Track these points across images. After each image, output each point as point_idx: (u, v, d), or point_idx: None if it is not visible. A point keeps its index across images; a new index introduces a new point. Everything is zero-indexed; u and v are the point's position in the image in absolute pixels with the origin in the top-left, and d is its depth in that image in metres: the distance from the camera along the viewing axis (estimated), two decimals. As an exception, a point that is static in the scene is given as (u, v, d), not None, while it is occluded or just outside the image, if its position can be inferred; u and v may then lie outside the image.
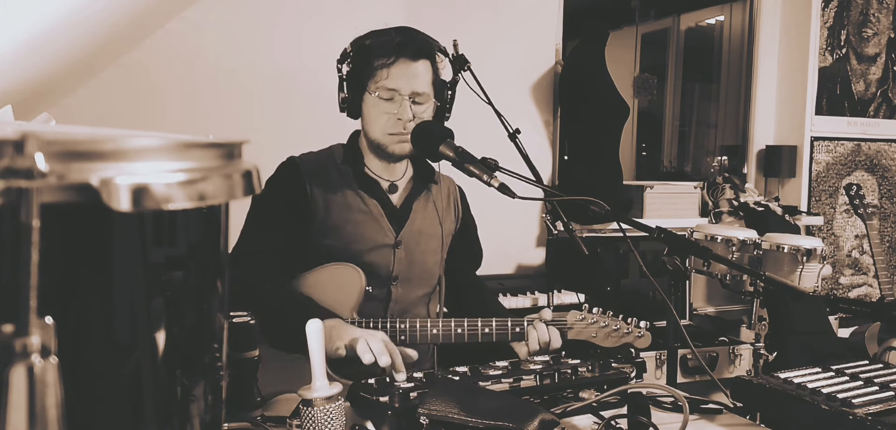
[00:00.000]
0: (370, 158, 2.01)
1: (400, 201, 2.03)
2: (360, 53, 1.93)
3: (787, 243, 2.63)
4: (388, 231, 1.97)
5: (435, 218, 2.06)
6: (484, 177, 1.69)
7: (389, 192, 2.02)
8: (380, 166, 2.01)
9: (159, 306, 0.58)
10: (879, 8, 4.55)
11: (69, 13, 2.01)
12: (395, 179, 2.03)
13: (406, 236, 1.99)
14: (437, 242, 2.06)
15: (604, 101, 3.72)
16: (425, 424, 1.32)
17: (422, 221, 2.04)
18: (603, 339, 1.91)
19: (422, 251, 2.02)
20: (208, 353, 0.65)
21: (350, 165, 1.99)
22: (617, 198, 3.76)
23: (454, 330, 1.84)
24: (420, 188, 2.06)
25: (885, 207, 4.68)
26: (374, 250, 1.95)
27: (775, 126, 4.53)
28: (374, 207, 1.97)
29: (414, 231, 2.01)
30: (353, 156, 2.00)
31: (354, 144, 2.04)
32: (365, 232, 1.95)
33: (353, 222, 1.94)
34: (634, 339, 1.91)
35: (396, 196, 2.03)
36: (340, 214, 1.94)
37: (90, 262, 0.53)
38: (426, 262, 2.03)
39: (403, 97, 1.90)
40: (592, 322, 1.89)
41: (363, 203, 1.96)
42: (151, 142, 0.53)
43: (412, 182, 2.06)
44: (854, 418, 1.41)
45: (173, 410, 0.61)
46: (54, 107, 2.76)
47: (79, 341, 0.52)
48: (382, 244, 1.96)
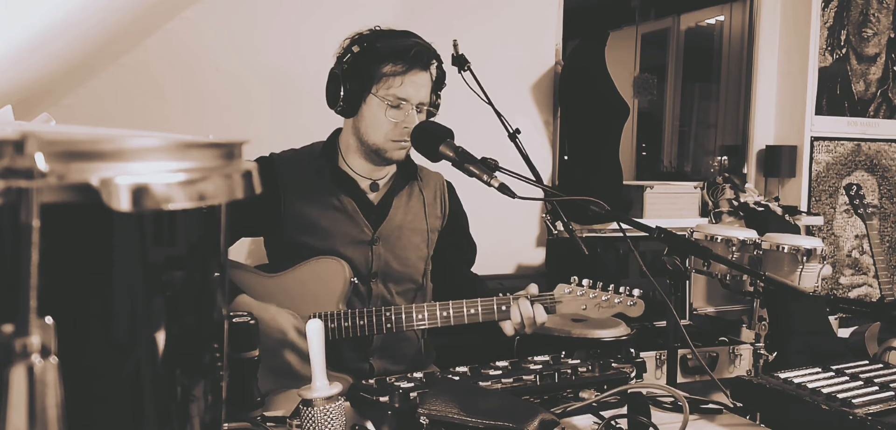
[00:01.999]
0: (353, 158, 1.99)
1: (379, 198, 2.02)
2: (368, 54, 1.89)
3: (787, 243, 2.63)
4: (364, 227, 1.96)
5: (419, 213, 2.04)
6: (484, 177, 1.69)
7: (370, 190, 2.01)
8: (364, 167, 2.00)
9: (159, 305, 0.58)
10: (879, 8, 4.55)
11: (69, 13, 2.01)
12: (377, 178, 2.02)
13: (385, 233, 1.98)
14: (421, 237, 2.04)
15: (604, 101, 3.71)
16: (425, 424, 1.32)
17: (403, 216, 2.02)
18: (593, 310, 1.87)
19: (403, 247, 2.01)
20: (208, 353, 0.65)
21: (326, 162, 1.98)
22: (617, 198, 3.76)
23: (440, 314, 1.84)
24: (401, 184, 2.05)
25: (885, 207, 4.68)
26: (351, 247, 1.94)
27: (775, 126, 4.53)
28: (348, 205, 1.96)
29: (394, 227, 2.00)
30: (328, 153, 2.00)
31: (333, 143, 2.03)
32: (340, 228, 1.94)
33: (328, 218, 1.94)
34: (626, 308, 1.87)
35: (376, 194, 2.02)
36: (315, 211, 1.94)
37: (90, 262, 0.53)
38: (408, 258, 2.02)
39: (411, 106, 1.90)
40: (581, 295, 1.87)
41: (337, 200, 1.96)
42: (151, 142, 0.53)
43: (393, 178, 2.05)
44: (854, 418, 1.41)
45: (173, 410, 0.61)
46: (54, 107, 2.76)
47: (79, 341, 0.52)
48: (358, 241, 1.95)
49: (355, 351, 1.95)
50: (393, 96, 1.88)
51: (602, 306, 1.86)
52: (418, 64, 1.89)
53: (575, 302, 1.86)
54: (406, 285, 2.03)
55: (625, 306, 1.86)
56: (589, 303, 1.86)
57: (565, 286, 1.88)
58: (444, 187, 2.15)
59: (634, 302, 1.87)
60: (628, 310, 1.86)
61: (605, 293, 1.87)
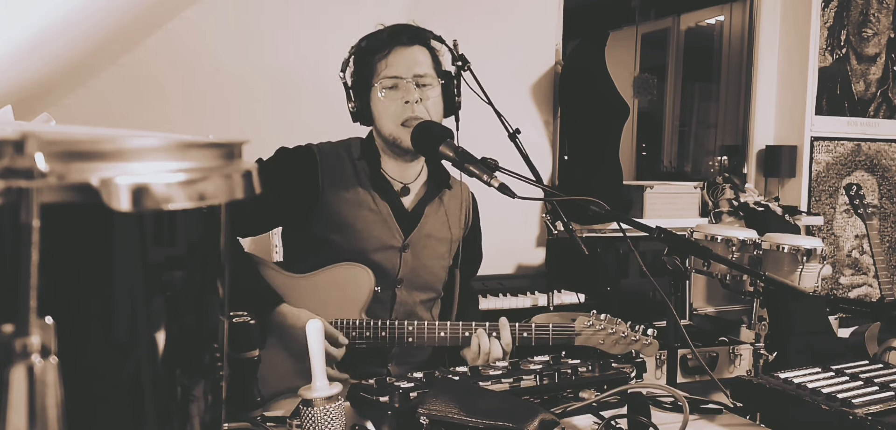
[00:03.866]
0: (385, 159, 1.99)
1: (412, 205, 2.01)
2: (359, 57, 1.93)
3: (787, 243, 2.62)
4: (396, 233, 1.96)
5: (445, 223, 2.05)
6: (484, 177, 1.69)
7: (402, 194, 2.00)
8: (394, 167, 1.99)
9: (159, 305, 0.58)
10: (879, 8, 4.55)
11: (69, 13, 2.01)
12: (408, 182, 2.01)
13: (414, 240, 1.98)
14: (446, 247, 2.05)
15: (604, 101, 3.71)
16: (425, 424, 1.32)
17: (432, 225, 2.02)
18: (610, 346, 1.91)
19: (429, 256, 2.01)
20: (208, 353, 0.65)
21: (367, 163, 1.98)
22: (617, 198, 3.76)
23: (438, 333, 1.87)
24: (434, 193, 2.05)
25: (885, 207, 4.68)
26: (381, 251, 1.94)
27: (775, 126, 4.53)
28: (383, 209, 1.95)
29: (423, 235, 2.00)
30: (370, 154, 1.99)
31: (372, 143, 2.02)
32: (373, 232, 1.93)
33: (362, 219, 1.93)
34: (641, 347, 1.90)
35: (409, 199, 2.01)
36: (350, 210, 1.93)
37: (90, 262, 0.53)
38: (433, 267, 2.02)
39: (407, 81, 1.89)
40: (600, 329, 1.89)
41: (374, 203, 1.95)
42: (151, 142, 0.53)
43: (426, 186, 2.05)
44: (854, 418, 1.41)
45: (173, 410, 0.61)
46: (54, 107, 2.76)
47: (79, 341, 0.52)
48: (389, 246, 1.95)
49: (375, 357, 1.96)
50: (385, 78, 1.89)
51: (619, 342, 1.90)
52: (398, 41, 1.91)
53: (594, 336, 1.90)
54: (428, 293, 2.04)
55: (641, 345, 1.90)
56: (607, 339, 1.90)
57: (585, 319, 1.91)
58: (469, 199, 2.16)
59: (649, 342, 1.91)
60: (644, 349, 1.89)
61: (623, 330, 1.90)
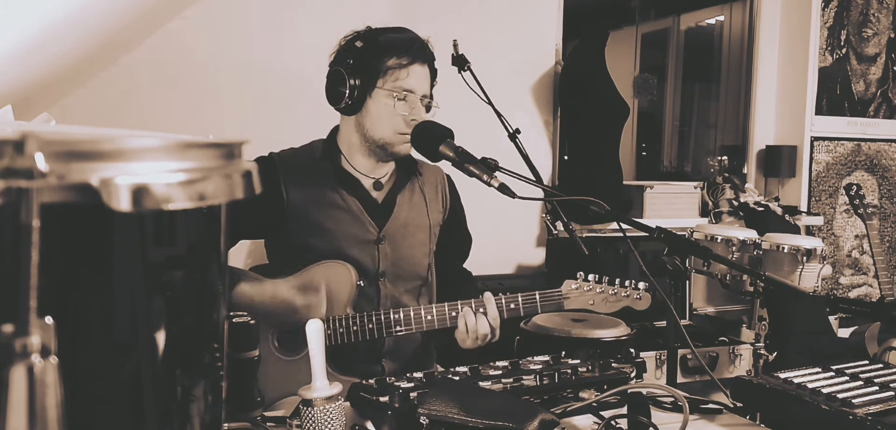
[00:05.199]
0: (356, 156, 1.98)
1: (382, 196, 2.01)
2: (371, 48, 1.89)
3: (787, 243, 2.62)
4: (369, 227, 1.95)
5: (422, 209, 2.04)
6: (484, 177, 1.69)
7: (374, 189, 2.00)
8: (367, 165, 1.99)
9: (159, 305, 0.58)
10: (879, 8, 4.55)
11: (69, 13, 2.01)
12: (380, 177, 2.01)
13: (390, 231, 1.97)
14: (425, 233, 2.04)
15: (604, 101, 3.71)
16: (425, 424, 1.32)
17: (407, 213, 2.02)
18: (600, 305, 1.88)
19: (409, 245, 2.00)
20: (208, 353, 0.65)
21: (328, 162, 1.97)
22: (617, 198, 3.76)
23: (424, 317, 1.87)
24: (404, 180, 2.04)
25: (885, 207, 4.67)
26: (357, 247, 1.93)
27: (775, 126, 4.53)
28: (353, 204, 1.95)
29: (399, 225, 1.99)
30: (330, 153, 1.99)
31: (332, 141, 2.01)
32: (345, 229, 1.93)
33: (333, 218, 1.93)
34: (633, 301, 1.87)
35: (380, 192, 2.01)
36: (319, 211, 1.93)
37: (90, 262, 0.53)
38: (414, 255, 2.02)
39: (417, 98, 1.90)
40: (588, 290, 1.87)
41: (342, 200, 1.95)
42: (151, 142, 0.53)
43: (396, 175, 2.04)
44: (854, 418, 1.41)
45: (173, 410, 0.61)
46: (54, 107, 2.76)
47: (79, 341, 0.52)
48: (364, 240, 1.95)
49: (369, 353, 1.96)
50: (399, 89, 1.89)
51: (609, 300, 1.87)
52: (421, 57, 1.92)
53: (582, 297, 1.87)
54: (413, 281, 2.03)
55: (632, 300, 1.87)
56: (596, 298, 1.87)
57: (572, 282, 1.89)
58: (444, 181, 2.14)
59: (640, 296, 1.88)
60: (635, 303, 1.87)
61: (611, 287, 1.88)
